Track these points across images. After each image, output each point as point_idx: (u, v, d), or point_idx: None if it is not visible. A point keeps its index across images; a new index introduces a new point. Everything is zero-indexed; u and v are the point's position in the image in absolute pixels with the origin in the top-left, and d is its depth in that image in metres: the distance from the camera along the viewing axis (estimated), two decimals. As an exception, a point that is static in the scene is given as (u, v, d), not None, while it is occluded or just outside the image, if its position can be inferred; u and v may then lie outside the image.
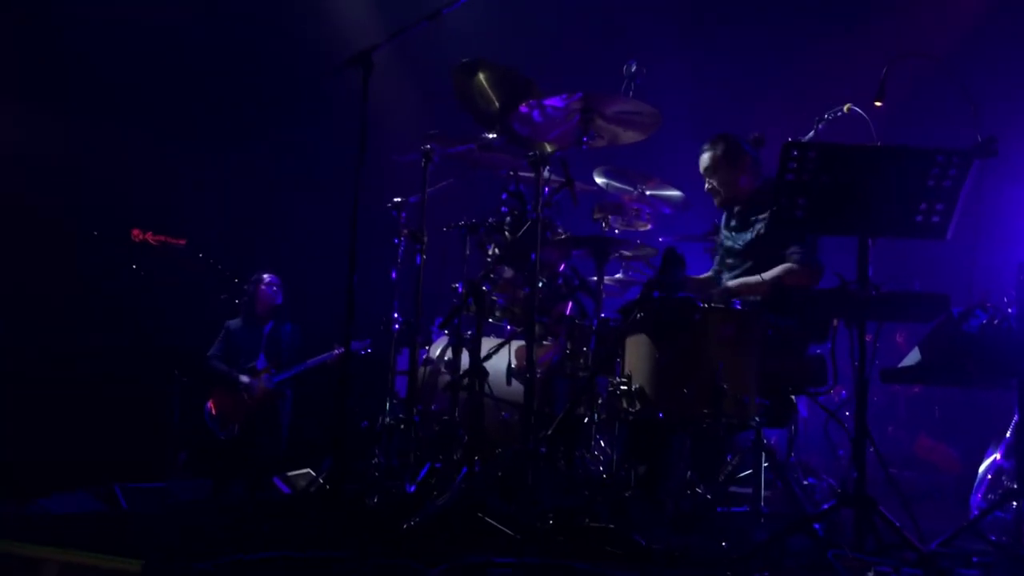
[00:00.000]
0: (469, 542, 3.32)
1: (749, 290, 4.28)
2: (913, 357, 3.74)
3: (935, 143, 3.22)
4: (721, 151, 4.45)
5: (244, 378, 6.82)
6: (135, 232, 6.72)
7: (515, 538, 3.33)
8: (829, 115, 4.23)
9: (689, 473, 4.07)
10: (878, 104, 3.83)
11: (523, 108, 4.04)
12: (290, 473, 5.94)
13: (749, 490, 4.04)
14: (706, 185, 4.58)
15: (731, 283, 4.37)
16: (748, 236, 4.45)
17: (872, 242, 3.35)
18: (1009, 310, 3.49)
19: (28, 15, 7.04)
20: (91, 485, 5.77)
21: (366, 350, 6.57)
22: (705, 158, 4.53)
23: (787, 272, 4.21)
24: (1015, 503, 3.45)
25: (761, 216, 4.40)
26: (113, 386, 6.94)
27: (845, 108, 4.13)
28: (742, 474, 4.27)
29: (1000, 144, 3.32)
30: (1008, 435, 4.44)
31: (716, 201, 4.58)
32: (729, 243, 4.57)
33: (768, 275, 4.22)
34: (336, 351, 6.77)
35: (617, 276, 5.12)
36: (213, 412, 6.81)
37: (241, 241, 7.62)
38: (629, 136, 4.24)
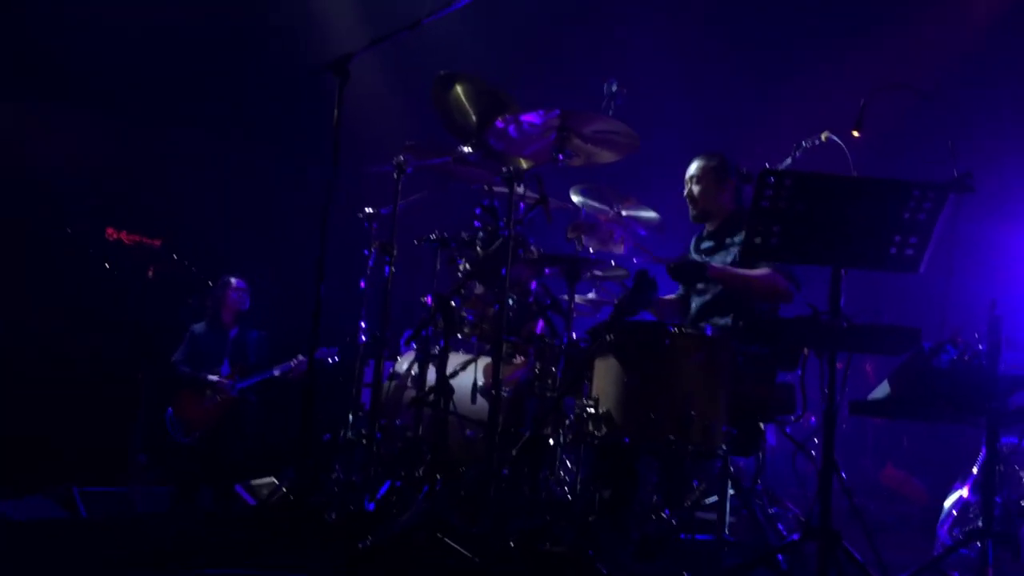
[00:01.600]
0: (427, 564, 3.25)
1: (732, 280, 4.23)
2: (882, 390, 3.71)
3: (912, 176, 3.20)
4: (715, 164, 4.50)
5: (213, 377, 6.71)
6: (109, 231, 6.62)
7: (474, 561, 3.26)
8: (807, 143, 4.22)
9: (655, 498, 4.03)
10: (856, 134, 3.81)
11: (499, 123, 3.99)
12: (253, 482, 5.85)
13: (714, 516, 4.00)
14: (686, 190, 4.57)
15: (717, 266, 4.29)
16: (724, 259, 4.42)
17: (845, 273, 3.33)
18: (979, 346, 3.47)
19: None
20: (50, 487, 5.67)
21: (333, 359, 6.47)
22: (696, 165, 4.55)
23: (771, 276, 4.17)
24: (979, 541, 3.41)
25: (737, 239, 4.39)
26: (77, 386, 6.82)
27: (823, 137, 4.12)
28: (708, 500, 4.23)
29: (976, 182, 3.31)
30: (975, 471, 4.43)
31: (691, 211, 4.57)
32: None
33: (754, 272, 4.18)
34: (297, 360, 6.66)
35: (589, 296, 5.07)
36: (175, 417, 6.68)
37: (215, 243, 7.53)
38: (605, 156, 4.21)
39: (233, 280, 7.00)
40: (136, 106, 7.34)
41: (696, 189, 4.54)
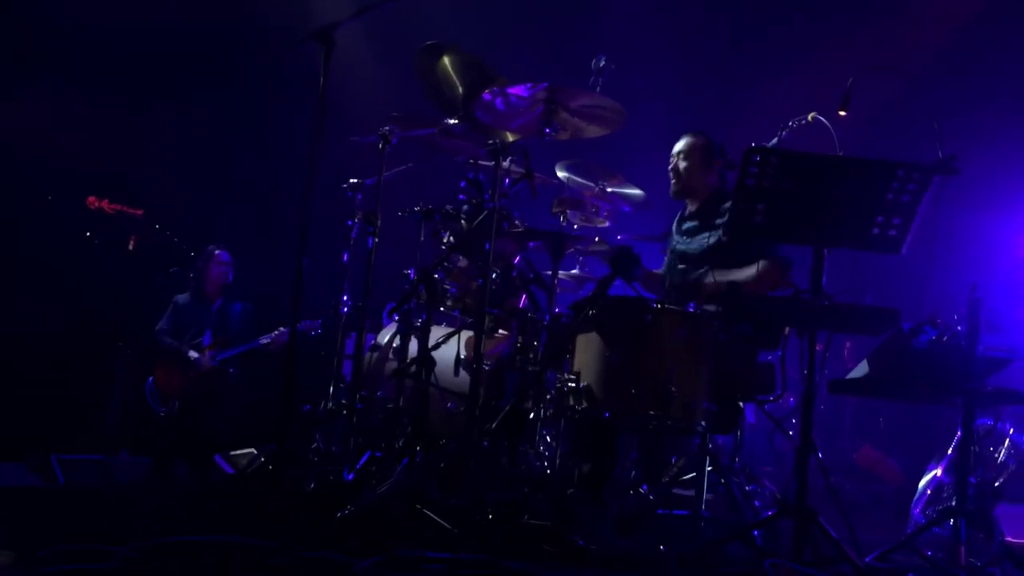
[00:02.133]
0: (405, 534, 3.26)
1: (726, 287, 4.22)
2: (861, 369, 3.74)
3: (897, 158, 3.21)
4: (703, 142, 4.53)
5: (193, 354, 6.68)
6: (91, 199, 6.55)
7: (453, 532, 3.27)
8: (794, 123, 4.21)
9: (633, 473, 4.05)
10: (842, 114, 3.81)
11: (486, 95, 3.97)
12: (232, 452, 5.84)
13: (692, 492, 4.03)
14: (671, 164, 4.59)
15: (719, 278, 4.26)
16: (708, 240, 4.43)
17: (828, 252, 3.34)
18: (958, 328, 3.49)
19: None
20: (29, 454, 5.65)
21: (316, 330, 6.45)
22: (684, 141, 4.57)
23: (769, 272, 4.17)
24: (952, 520, 3.46)
25: (720, 222, 4.40)
26: (57, 355, 6.78)
27: (809, 117, 4.11)
28: (686, 477, 4.26)
29: (960, 166, 3.31)
30: (950, 451, 4.48)
31: (673, 186, 4.59)
32: (682, 247, 4.55)
33: (745, 275, 4.18)
34: (279, 332, 6.64)
35: (573, 272, 5.07)
36: (155, 387, 6.66)
37: (198, 214, 7.47)
38: (593, 131, 4.19)
39: (217, 252, 6.94)
40: (119, 75, 7.26)
41: (682, 165, 4.54)
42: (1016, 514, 4.31)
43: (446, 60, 4.41)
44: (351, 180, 4.98)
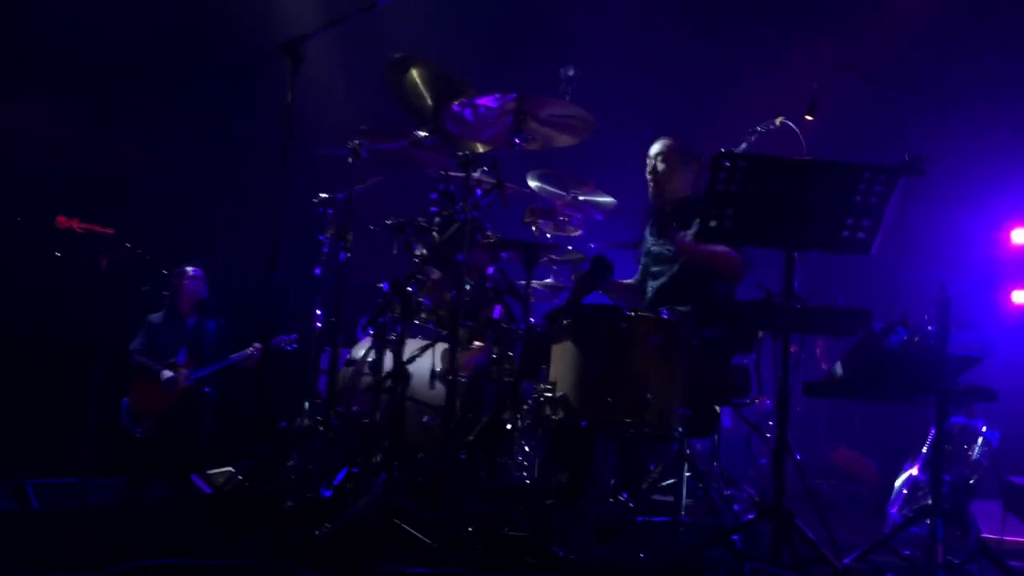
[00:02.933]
0: (384, 550, 3.23)
1: (696, 253, 4.23)
2: (836, 371, 3.76)
3: (867, 159, 3.24)
4: (679, 145, 4.49)
5: (167, 373, 6.60)
6: (60, 219, 6.47)
7: (432, 547, 3.25)
8: (762, 127, 4.23)
9: (612, 481, 4.05)
10: (809, 118, 3.84)
11: (455, 106, 3.97)
12: (210, 471, 5.78)
13: (671, 498, 4.04)
14: (649, 166, 4.57)
15: (684, 239, 4.26)
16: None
17: (798, 255, 3.36)
18: (929, 327, 3.52)
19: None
20: (1, 479, 5.57)
21: (292, 345, 6.41)
22: (661, 144, 4.55)
23: (729, 251, 4.19)
24: (928, 519, 3.48)
25: (694, 224, 4.41)
26: (28, 378, 6.69)
27: (777, 121, 4.14)
28: (665, 483, 4.27)
29: (927, 166, 3.35)
30: (924, 450, 4.52)
31: (652, 190, 4.57)
32: (656, 249, 4.56)
33: (717, 247, 4.17)
34: (254, 347, 6.58)
35: (547, 281, 5.08)
36: (130, 408, 6.58)
37: (170, 231, 7.40)
38: (563, 140, 4.20)
39: (189, 269, 6.88)
40: (87, 93, 7.19)
41: (661, 168, 4.53)
42: (991, 510, 4.36)
43: (415, 72, 4.42)
44: (322, 195, 4.96)
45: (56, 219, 6.48)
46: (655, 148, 4.59)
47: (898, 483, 4.56)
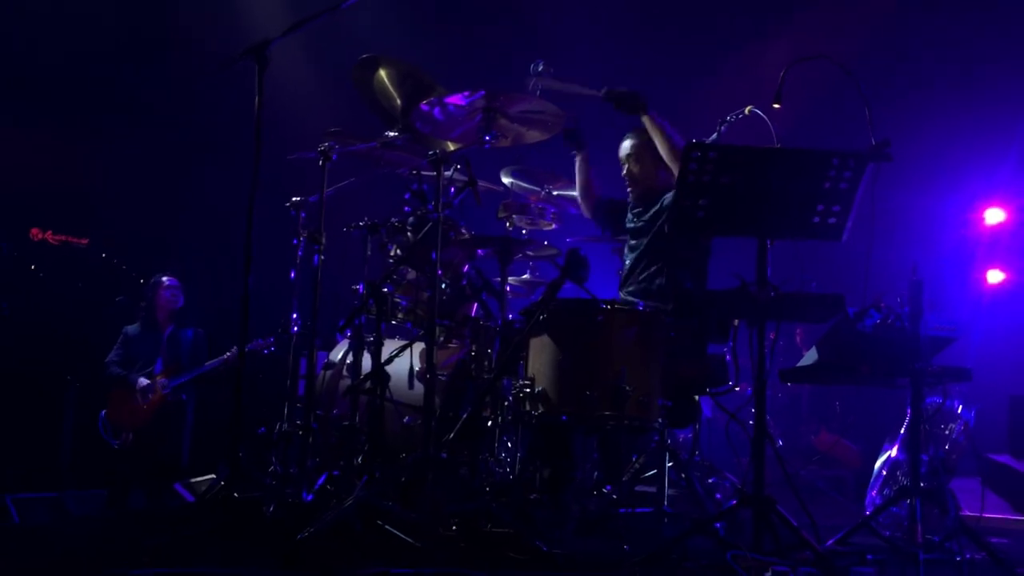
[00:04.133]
0: (368, 552, 3.23)
1: (662, 132, 4.28)
2: (811, 356, 3.78)
3: (837, 146, 3.26)
4: (646, 139, 4.44)
5: (142, 381, 6.56)
6: (34, 231, 6.41)
7: (416, 546, 3.25)
8: (731, 117, 4.26)
9: (595, 473, 4.06)
10: (777, 106, 3.86)
11: (424, 106, 3.96)
12: (192, 479, 5.76)
13: (654, 489, 4.06)
14: (624, 170, 4.57)
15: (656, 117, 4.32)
16: (649, 215, 4.46)
17: (771, 243, 3.38)
18: (902, 310, 3.55)
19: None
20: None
21: (269, 349, 6.37)
22: (628, 144, 4.55)
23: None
24: (908, 500, 3.51)
25: (667, 197, 4.41)
26: (4, 392, 6.63)
27: (747, 110, 4.16)
28: (647, 474, 4.29)
29: (895, 147, 3.38)
30: (902, 431, 4.55)
31: (633, 192, 4.58)
32: (632, 224, 4.58)
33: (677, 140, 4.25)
34: (231, 352, 6.55)
35: (523, 277, 5.08)
36: (107, 420, 6.53)
37: (144, 240, 7.35)
38: (533, 135, 4.21)
39: (165, 279, 6.84)
40: (54, 105, 7.14)
41: (636, 169, 4.53)
42: (970, 488, 4.41)
43: (383, 72, 4.41)
44: (294, 198, 4.93)
45: (30, 231, 6.43)
46: (624, 149, 4.58)
47: (877, 464, 4.59)
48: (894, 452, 4.49)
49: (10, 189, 6.98)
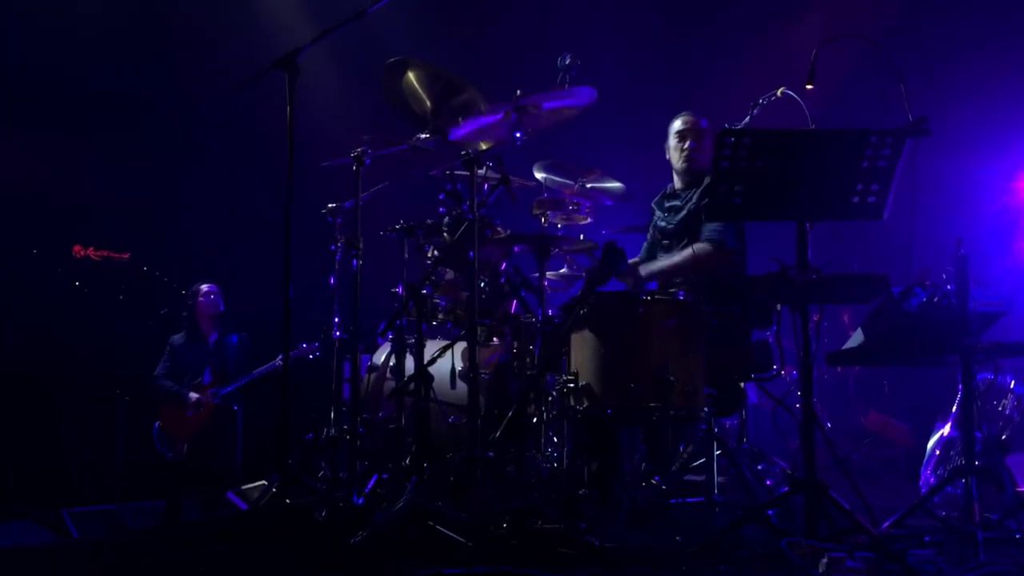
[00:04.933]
0: (420, 553, 3.24)
1: (662, 275, 4.29)
2: (857, 338, 3.74)
3: (873, 123, 3.20)
4: (707, 123, 4.50)
5: (193, 395, 6.64)
6: (76, 248, 6.52)
7: (467, 545, 3.26)
8: (764, 100, 4.21)
9: (643, 465, 4.05)
10: (810, 87, 3.81)
11: (456, 130, 3.99)
12: (244, 487, 5.82)
13: (703, 478, 4.03)
14: (686, 143, 4.57)
15: (643, 270, 4.42)
16: (679, 217, 4.46)
17: (810, 226, 3.34)
18: (948, 287, 3.50)
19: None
20: (37, 511, 5.63)
21: (314, 354, 6.42)
22: (694, 119, 4.58)
23: (695, 253, 4.26)
24: (963, 479, 3.46)
25: (696, 194, 4.42)
26: (56, 407, 6.76)
27: (779, 92, 4.11)
28: (695, 463, 4.26)
29: (932, 119, 3.31)
30: (954, 409, 4.48)
31: (688, 168, 4.57)
32: (663, 224, 4.58)
33: (677, 259, 4.29)
34: (280, 358, 6.61)
35: (561, 271, 5.07)
36: (162, 432, 6.64)
37: (185, 251, 7.45)
38: (568, 112, 4.19)
39: (203, 286, 6.91)
40: (92, 122, 7.25)
41: (703, 145, 4.54)
42: (1026, 464, 4.32)
43: (411, 75, 4.42)
44: (329, 205, 4.97)
45: (72, 248, 6.54)
46: (690, 123, 4.58)
47: (930, 444, 4.53)
48: (947, 431, 4.42)
49: (51, 208, 7.11)
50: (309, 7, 7.40)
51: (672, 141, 4.63)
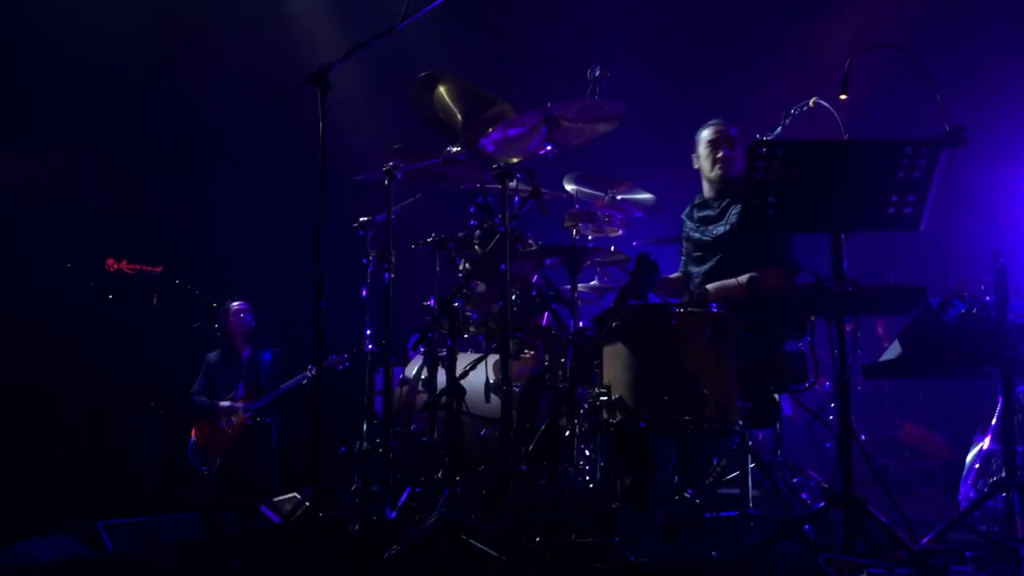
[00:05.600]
0: (454, 566, 3.24)
1: (727, 292, 4.24)
2: (894, 350, 3.69)
3: (908, 130, 3.17)
4: (737, 131, 4.50)
5: (224, 404, 6.71)
6: (110, 262, 6.60)
7: (501, 559, 3.25)
8: (795, 110, 4.18)
9: (676, 478, 4.02)
10: (843, 97, 3.78)
11: (485, 140, 3.99)
12: (276, 499, 5.84)
13: (737, 491, 3.99)
14: (721, 152, 4.55)
15: (709, 287, 4.33)
16: (720, 229, 4.43)
17: (845, 237, 3.31)
18: (987, 298, 3.45)
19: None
20: (72, 523, 5.68)
21: (344, 364, 6.45)
22: (724, 127, 4.56)
23: (763, 273, 4.19)
24: (1004, 493, 3.40)
25: (735, 210, 4.40)
26: (91, 421, 6.84)
27: (811, 102, 4.08)
28: (729, 476, 4.22)
29: (969, 127, 3.27)
30: (994, 422, 4.41)
31: (721, 174, 4.54)
32: (697, 236, 4.55)
33: (744, 278, 4.19)
34: (310, 370, 6.65)
35: (592, 283, 5.06)
36: (196, 447, 6.70)
37: (217, 264, 7.52)
38: (598, 129, 4.18)
39: (234, 304, 7.00)
40: (123, 136, 7.34)
41: (734, 155, 4.52)
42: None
43: (442, 89, 4.43)
44: (361, 218, 5.00)
45: (106, 262, 6.62)
46: (724, 132, 4.56)
47: (969, 458, 4.45)
48: (986, 444, 4.35)
49: (85, 222, 7.20)
50: (340, 22, 7.46)
51: (702, 150, 4.61)
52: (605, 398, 3.66)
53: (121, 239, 7.07)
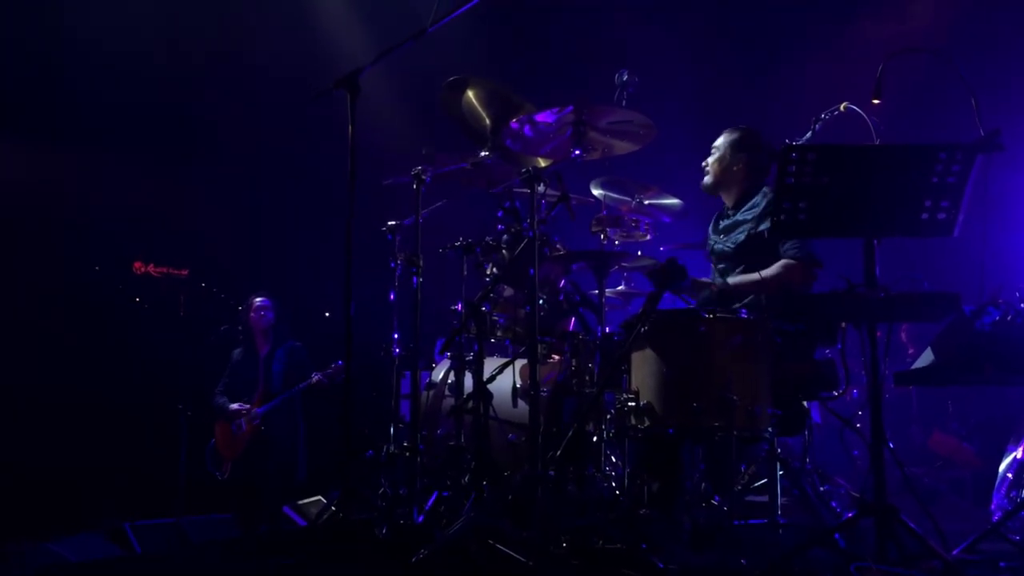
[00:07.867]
0: (482, 571, 3.23)
1: (749, 287, 4.22)
2: (926, 358, 3.65)
3: (942, 133, 3.14)
4: (736, 137, 4.50)
5: (233, 406, 6.73)
6: (137, 265, 6.66)
7: (528, 565, 3.23)
8: (826, 115, 4.15)
9: (704, 485, 3.99)
10: (876, 102, 3.74)
11: (514, 124, 3.97)
12: (301, 502, 5.86)
13: (765, 498, 3.96)
14: (705, 162, 4.60)
15: (731, 280, 4.32)
16: (739, 238, 4.40)
17: (878, 242, 3.28)
18: (1022, 305, 3.40)
19: (23, 52, 7.03)
20: (100, 523, 5.73)
21: (340, 376, 6.46)
22: (722, 136, 4.58)
23: (785, 268, 4.18)
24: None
25: (748, 218, 4.37)
26: (119, 422, 6.89)
27: (842, 107, 4.05)
28: (758, 484, 4.19)
29: (1005, 133, 3.23)
30: (1027, 431, 4.35)
31: (704, 180, 4.59)
32: (719, 247, 4.53)
33: (767, 272, 4.18)
34: (314, 378, 6.66)
35: (619, 288, 5.04)
36: (214, 451, 6.74)
37: (243, 268, 7.56)
38: (623, 147, 4.17)
39: (256, 300, 6.99)
40: (155, 140, 7.41)
41: (711, 157, 4.55)
42: (1105, 488, 4.17)
43: (471, 93, 4.44)
44: (389, 222, 5.02)
45: (133, 264, 6.68)
46: (717, 140, 4.60)
47: (1002, 467, 4.39)
48: (1020, 453, 4.29)
49: (113, 225, 7.27)
50: (370, 27, 7.49)
51: None
52: (633, 404, 3.64)
53: (148, 242, 7.13)
